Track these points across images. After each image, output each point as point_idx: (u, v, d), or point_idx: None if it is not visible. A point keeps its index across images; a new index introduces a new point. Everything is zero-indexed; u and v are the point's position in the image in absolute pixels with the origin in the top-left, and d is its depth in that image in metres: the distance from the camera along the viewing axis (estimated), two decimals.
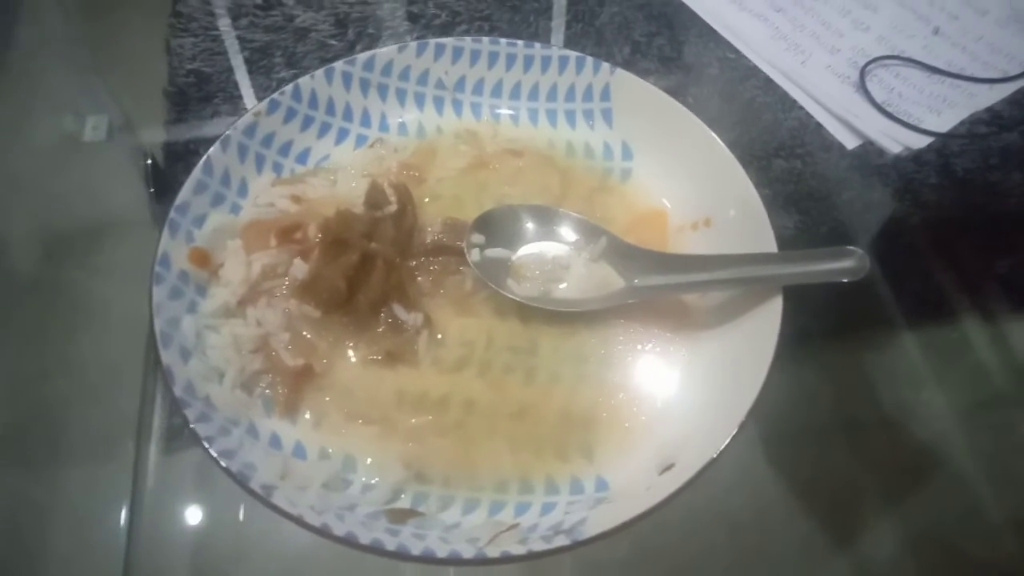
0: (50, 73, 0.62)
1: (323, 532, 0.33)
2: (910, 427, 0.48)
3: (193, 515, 0.43)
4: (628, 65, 0.60)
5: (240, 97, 0.59)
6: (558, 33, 0.64)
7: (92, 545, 0.43)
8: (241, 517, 0.42)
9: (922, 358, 0.51)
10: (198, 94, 0.59)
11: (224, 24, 0.62)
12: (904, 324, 0.51)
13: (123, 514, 0.42)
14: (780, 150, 0.56)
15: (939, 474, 0.46)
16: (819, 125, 0.57)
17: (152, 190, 0.55)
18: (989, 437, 0.48)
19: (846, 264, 0.40)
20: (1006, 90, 0.60)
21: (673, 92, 0.58)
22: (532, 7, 0.64)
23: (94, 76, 0.64)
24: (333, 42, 0.62)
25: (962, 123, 0.57)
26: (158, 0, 0.64)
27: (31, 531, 0.43)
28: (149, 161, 0.56)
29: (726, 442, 0.36)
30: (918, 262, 0.54)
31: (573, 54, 0.52)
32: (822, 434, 0.48)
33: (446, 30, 0.63)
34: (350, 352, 0.43)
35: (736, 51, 0.62)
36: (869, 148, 0.56)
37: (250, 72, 0.60)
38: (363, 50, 0.53)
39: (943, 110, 0.58)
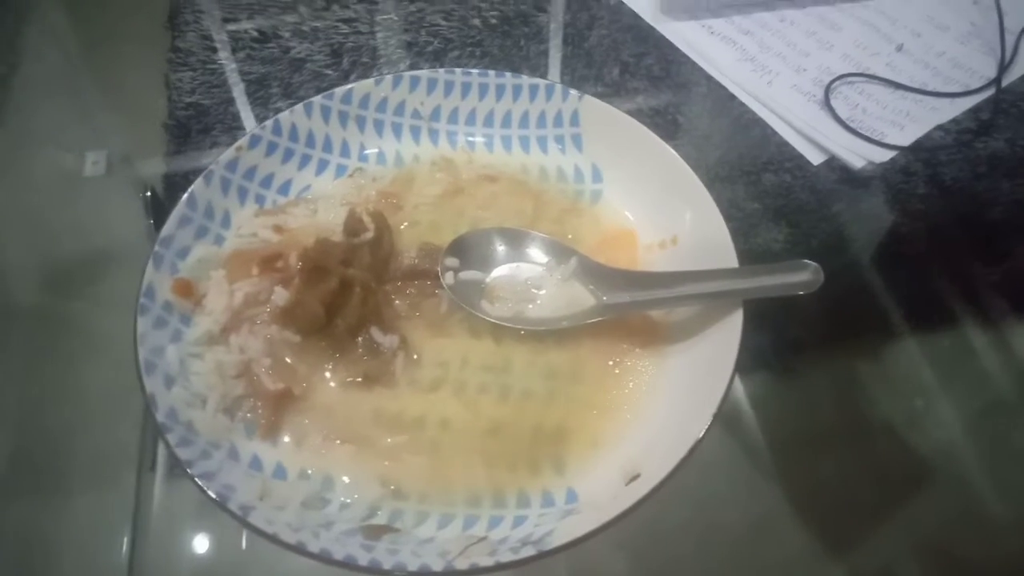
0: (51, 110, 0.64)
1: (298, 549, 0.35)
2: (907, 435, 0.49)
3: (194, 544, 0.44)
4: (603, 89, 0.63)
5: (239, 128, 0.60)
6: (547, 57, 0.66)
7: (95, 569, 0.44)
8: (243, 546, 0.43)
9: (917, 366, 0.52)
10: (197, 126, 0.60)
11: (222, 57, 0.64)
12: (897, 333, 0.52)
13: (125, 543, 0.43)
14: (747, 169, 0.58)
15: (938, 482, 0.47)
16: (785, 143, 0.59)
17: (152, 221, 0.56)
18: (985, 444, 0.48)
19: (801, 277, 0.41)
20: (967, 103, 0.61)
21: (643, 116, 0.61)
22: (522, 32, 0.66)
23: (94, 112, 0.66)
24: (328, 72, 0.64)
25: (924, 136, 0.59)
26: (157, 35, 0.66)
27: (34, 559, 0.44)
28: (148, 193, 0.58)
29: (687, 451, 0.37)
30: (879, 272, 0.55)
31: (542, 82, 0.54)
32: (819, 443, 0.48)
33: (439, 56, 0.65)
34: (329, 375, 0.44)
35: (705, 74, 0.64)
36: (834, 163, 0.58)
37: (248, 103, 0.62)
38: (358, 79, 0.55)
39: (905, 124, 0.60)
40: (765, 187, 0.57)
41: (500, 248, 0.49)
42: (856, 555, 0.45)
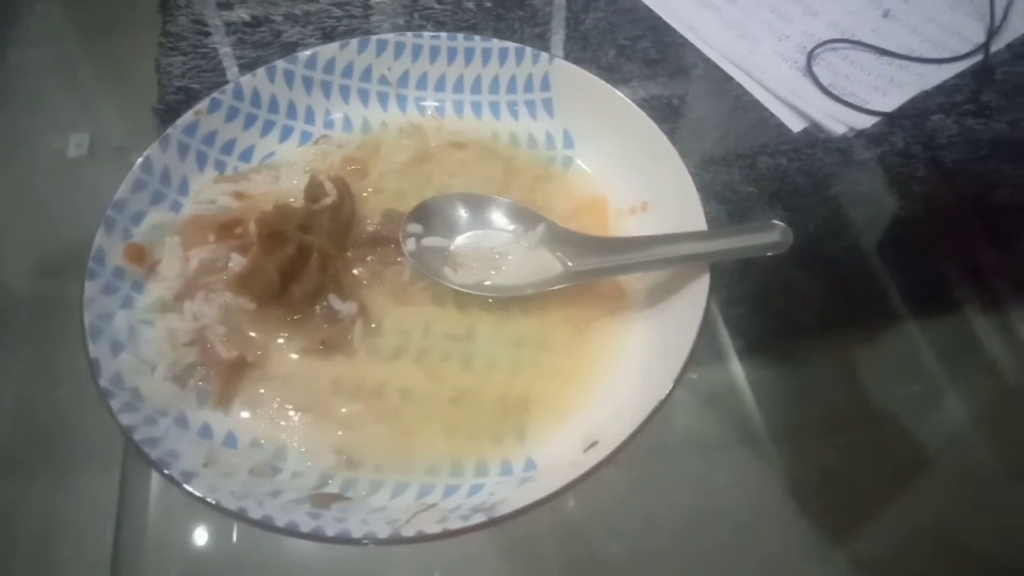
0: (42, 96, 0.63)
1: (239, 516, 0.33)
2: (906, 421, 0.47)
3: (180, 528, 0.43)
4: (583, 60, 0.61)
5: None
6: (542, 40, 0.64)
7: (83, 553, 0.43)
8: (229, 530, 0.42)
9: (917, 348, 0.50)
10: (187, 111, 0.58)
11: (213, 42, 0.63)
12: (897, 317, 0.50)
13: (111, 526, 0.42)
14: (725, 137, 0.56)
15: (941, 469, 0.46)
16: (765, 110, 0.57)
17: None
18: (990, 430, 0.47)
19: (770, 238, 0.40)
20: (955, 69, 0.59)
21: (620, 83, 0.59)
22: (517, 16, 0.64)
23: (85, 97, 0.65)
24: None
25: (908, 102, 0.57)
26: (148, 20, 0.65)
27: (22, 541, 0.43)
28: None
29: (645, 417, 0.36)
30: (860, 245, 0.53)
31: (512, 45, 0.52)
32: (819, 429, 0.47)
33: None
34: (286, 343, 0.43)
35: (685, 40, 0.62)
36: (814, 131, 0.56)
37: None
38: None
39: (889, 90, 0.58)
40: (741, 155, 0.55)
41: (465, 214, 0.47)
42: (857, 543, 0.43)
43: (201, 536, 0.42)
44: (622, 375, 0.41)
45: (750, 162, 0.55)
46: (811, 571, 0.44)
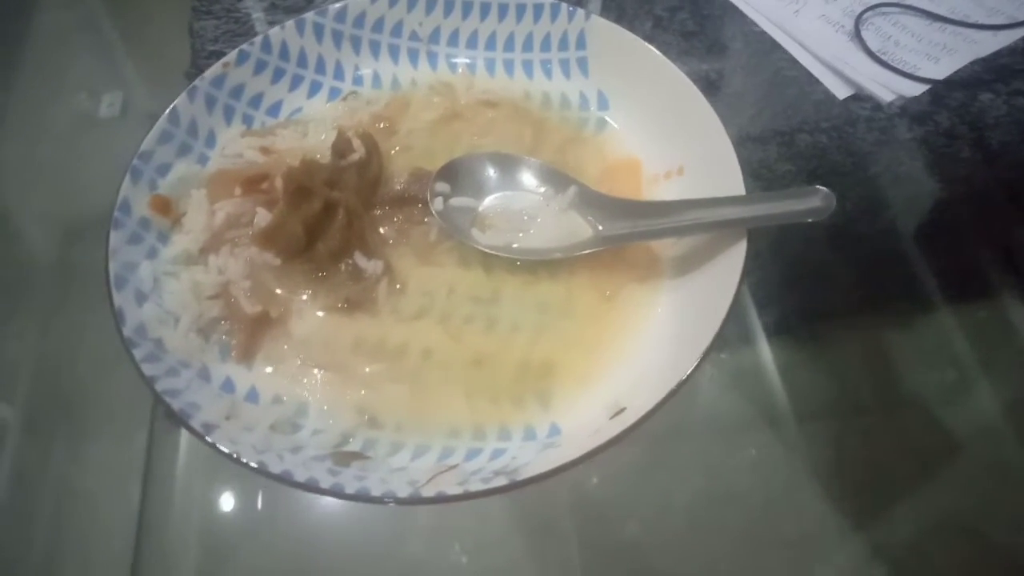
0: (76, 60, 0.63)
1: (259, 470, 0.33)
2: (933, 409, 0.46)
3: (205, 492, 0.43)
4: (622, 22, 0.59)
5: None
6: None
7: (105, 519, 0.43)
8: (253, 495, 0.42)
9: (949, 336, 0.48)
10: None
11: (246, 6, 0.63)
12: (932, 303, 0.49)
13: (137, 490, 0.43)
14: (763, 112, 0.54)
15: (967, 459, 0.44)
16: (808, 83, 0.55)
17: None
18: (1013, 420, 0.45)
19: (812, 204, 0.38)
20: (1012, 36, 0.56)
21: (660, 46, 0.57)
22: None
23: (118, 61, 0.65)
24: None
25: (961, 70, 0.54)
26: None
27: (48, 506, 0.43)
28: None
29: (674, 386, 0.34)
30: (903, 218, 0.51)
31: (547, 1, 0.50)
32: (843, 414, 0.46)
33: None
34: (310, 300, 0.43)
35: (727, 2, 0.60)
36: (861, 97, 0.54)
37: None
38: None
39: (941, 57, 0.55)
40: (779, 131, 0.53)
41: (494, 174, 0.46)
42: (877, 530, 0.42)
43: (227, 499, 0.42)
44: (651, 343, 0.40)
45: (788, 139, 0.53)
46: (831, 556, 0.42)
